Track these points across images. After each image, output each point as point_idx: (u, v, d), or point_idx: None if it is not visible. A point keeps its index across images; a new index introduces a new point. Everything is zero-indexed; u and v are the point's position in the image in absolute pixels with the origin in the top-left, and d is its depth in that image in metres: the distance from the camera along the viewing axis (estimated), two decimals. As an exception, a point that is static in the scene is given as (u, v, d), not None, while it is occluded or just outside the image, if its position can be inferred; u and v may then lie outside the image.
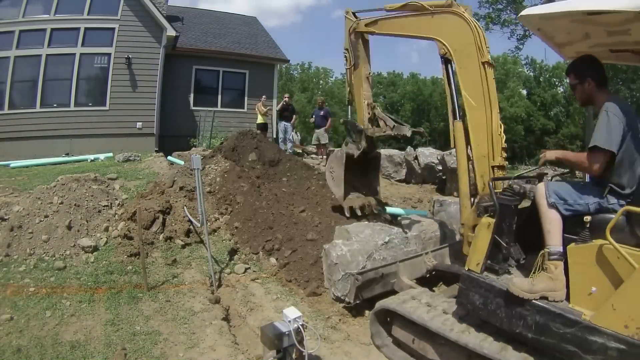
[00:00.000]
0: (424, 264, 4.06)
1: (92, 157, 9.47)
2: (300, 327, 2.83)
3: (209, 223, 5.29)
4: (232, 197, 5.97)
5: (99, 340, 3.27)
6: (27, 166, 8.70)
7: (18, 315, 3.46)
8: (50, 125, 10.80)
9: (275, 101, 13.92)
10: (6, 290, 3.78)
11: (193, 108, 13.28)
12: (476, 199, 3.15)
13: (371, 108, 4.98)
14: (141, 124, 11.60)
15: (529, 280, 2.39)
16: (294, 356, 2.84)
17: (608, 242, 2.09)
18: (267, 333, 2.82)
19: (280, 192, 6.23)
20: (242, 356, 3.25)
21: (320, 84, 42.42)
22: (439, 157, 8.17)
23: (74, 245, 4.54)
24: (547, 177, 3.08)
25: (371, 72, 5.05)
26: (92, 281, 4.09)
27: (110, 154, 9.63)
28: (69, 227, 4.66)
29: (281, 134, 11.57)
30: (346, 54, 5.08)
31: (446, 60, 3.54)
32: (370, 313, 3.48)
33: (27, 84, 11.03)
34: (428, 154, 8.45)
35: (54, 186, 5.12)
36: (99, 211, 5.10)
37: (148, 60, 11.61)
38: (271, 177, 6.81)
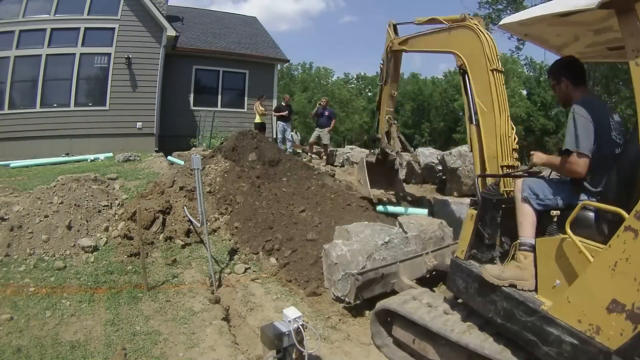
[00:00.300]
0: (424, 264, 4.07)
1: (92, 157, 9.46)
2: (300, 327, 2.83)
3: (209, 223, 5.29)
4: (232, 197, 5.97)
5: (99, 340, 3.27)
6: (27, 166, 8.70)
7: (18, 315, 3.46)
8: (50, 125, 10.79)
9: (275, 101, 13.92)
10: (6, 290, 3.78)
11: (193, 108, 13.28)
12: None
13: (389, 125, 6.04)
14: (141, 124, 11.59)
15: (500, 267, 2.56)
16: (294, 356, 2.84)
17: (569, 236, 2.14)
18: (267, 333, 2.82)
19: (280, 192, 6.23)
20: (242, 356, 3.25)
21: (322, 83, 42.39)
22: (438, 157, 8.16)
23: (74, 245, 4.54)
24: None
25: (397, 92, 6.04)
26: (92, 281, 4.09)
27: (110, 154, 9.62)
28: (69, 227, 4.66)
29: (280, 134, 11.57)
30: (381, 66, 5.82)
31: (463, 71, 3.82)
32: (371, 313, 3.49)
33: (27, 83, 11.02)
34: (428, 154, 8.45)
35: (54, 186, 5.12)
36: (99, 211, 5.09)
37: (148, 60, 11.60)
38: (271, 177, 6.81)
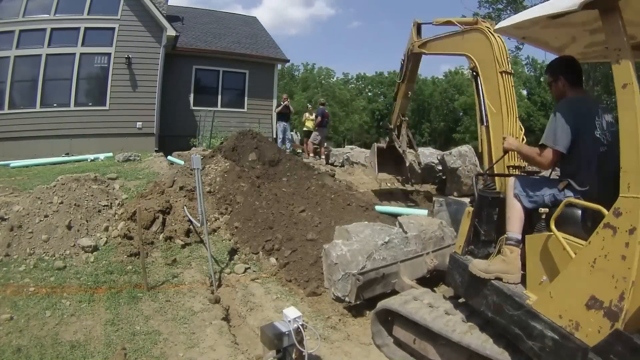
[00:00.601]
0: (424, 264, 4.07)
1: (92, 157, 9.46)
2: (300, 327, 2.83)
3: (208, 223, 5.28)
4: (232, 197, 5.97)
5: (99, 340, 3.27)
6: (27, 166, 8.69)
7: (18, 315, 3.45)
8: (50, 125, 10.78)
9: (275, 101, 13.93)
10: (6, 290, 3.77)
11: (193, 108, 13.27)
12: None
13: (400, 121, 6.70)
14: (141, 123, 11.58)
15: (486, 261, 2.66)
16: (293, 356, 2.84)
17: (554, 233, 2.18)
18: (267, 333, 2.82)
19: (280, 192, 6.23)
20: (242, 356, 3.25)
21: (322, 83, 42.40)
22: (438, 157, 8.16)
23: (74, 245, 4.53)
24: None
25: (412, 92, 6.36)
26: (92, 281, 4.09)
27: (110, 154, 9.62)
28: (69, 227, 4.66)
29: (280, 134, 11.59)
30: (402, 62, 6.01)
31: (476, 73, 3.92)
32: (372, 313, 3.49)
33: (27, 83, 11.01)
34: (428, 154, 8.45)
35: (54, 186, 5.12)
36: (99, 211, 5.09)
37: (148, 60, 11.59)
38: (271, 177, 6.81)
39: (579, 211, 2.24)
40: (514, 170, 3.36)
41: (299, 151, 12.22)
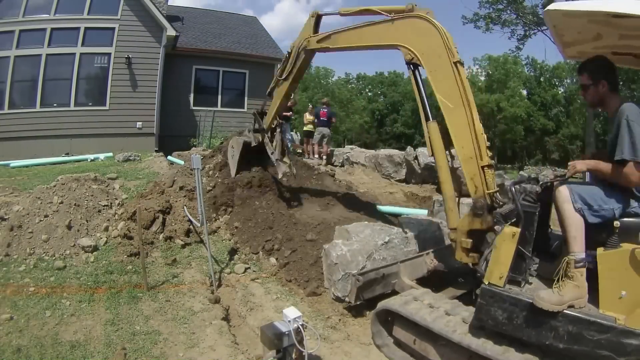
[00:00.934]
0: (424, 265, 4.06)
1: (92, 156, 9.46)
2: (300, 327, 2.82)
3: (208, 223, 5.28)
4: (232, 197, 5.96)
5: (98, 340, 3.27)
6: (27, 166, 8.70)
7: (18, 315, 3.45)
8: (50, 125, 10.79)
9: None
10: (6, 290, 3.77)
11: (193, 108, 13.28)
12: (473, 203, 3.06)
13: (276, 123, 5.78)
14: (141, 123, 11.59)
15: (556, 291, 2.34)
16: (293, 356, 2.84)
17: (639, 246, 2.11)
18: (267, 333, 2.81)
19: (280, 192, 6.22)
20: (242, 356, 3.25)
21: (322, 83, 42.44)
22: (439, 157, 8.16)
23: (74, 245, 4.54)
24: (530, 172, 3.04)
25: (295, 94, 5.51)
26: (92, 281, 4.09)
27: (110, 154, 9.62)
28: (69, 227, 4.66)
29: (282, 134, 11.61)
30: (287, 57, 5.11)
31: (414, 65, 3.51)
32: (372, 313, 3.47)
33: (27, 83, 11.02)
34: (428, 154, 8.44)
35: (54, 186, 5.12)
36: (99, 211, 5.09)
37: (148, 60, 11.60)
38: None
39: None
40: (488, 170, 3.01)
41: (299, 151, 12.23)
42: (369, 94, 48.09)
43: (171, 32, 11.67)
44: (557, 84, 37.63)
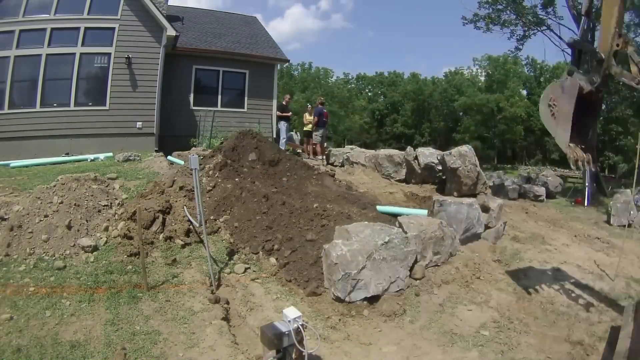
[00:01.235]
0: None
1: (92, 156, 9.46)
2: (300, 327, 2.83)
3: (208, 223, 5.28)
4: (232, 197, 5.96)
5: (98, 340, 3.27)
6: (27, 166, 8.69)
7: (18, 315, 3.45)
8: (50, 125, 10.78)
9: (274, 101, 13.94)
10: (6, 290, 3.77)
11: (193, 108, 13.28)
12: None
13: (624, 42, 3.77)
14: (141, 123, 11.58)
15: None
16: (293, 356, 2.84)
17: None
18: (267, 333, 2.82)
19: (280, 192, 6.22)
20: (242, 356, 3.25)
21: (322, 83, 42.41)
22: (438, 157, 8.16)
23: (74, 245, 4.53)
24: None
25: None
26: (92, 281, 4.09)
27: (110, 154, 9.62)
28: (69, 227, 4.66)
29: (282, 134, 11.62)
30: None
31: None
32: None
33: (27, 83, 11.01)
34: (428, 154, 8.45)
35: (54, 186, 5.12)
36: (99, 211, 5.09)
37: (148, 60, 11.59)
38: (271, 176, 6.81)
39: None
40: None
41: (299, 151, 12.22)
42: (369, 94, 48.08)
43: (171, 32, 11.66)
44: (557, 84, 37.65)
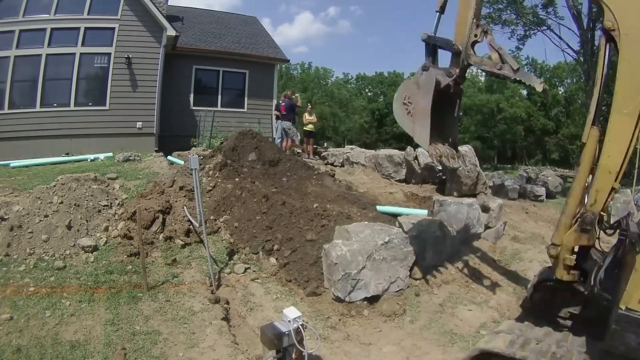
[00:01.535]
0: None
1: (92, 156, 9.46)
2: (300, 327, 2.83)
3: (208, 223, 5.28)
4: (232, 197, 5.97)
5: (98, 340, 3.27)
6: (27, 166, 8.69)
7: (18, 315, 3.45)
8: (50, 125, 10.79)
9: (274, 101, 13.94)
10: (6, 290, 3.77)
11: (193, 108, 13.28)
12: (579, 216, 2.82)
13: (483, 31, 3.63)
14: (141, 123, 11.59)
15: None
16: (293, 356, 2.84)
17: None
18: (267, 333, 2.82)
19: (280, 192, 6.22)
20: (242, 356, 3.25)
21: (322, 83, 42.41)
22: (439, 157, 8.16)
23: (74, 245, 4.53)
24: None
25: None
26: (92, 281, 4.09)
27: (110, 154, 9.62)
28: (69, 227, 4.66)
29: (283, 133, 11.61)
30: None
31: (609, 37, 2.76)
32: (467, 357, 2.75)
33: (27, 83, 11.02)
34: (428, 154, 8.44)
35: (54, 186, 5.12)
36: (99, 211, 5.09)
37: (148, 60, 11.60)
38: (271, 176, 6.81)
39: None
40: (614, 194, 2.71)
41: (298, 151, 12.22)
42: (369, 94, 48.06)
43: (171, 32, 11.66)
44: (557, 84, 37.62)
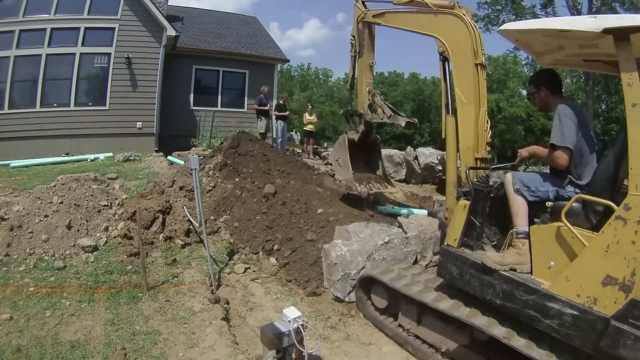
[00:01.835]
0: None
1: (92, 156, 9.47)
2: (300, 327, 2.83)
3: (208, 223, 5.29)
4: (231, 197, 5.97)
5: (98, 340, 3.27)
6: (27, 166, 8.69)
7: (18, 315, 3.45)
8: (50, 125, 10.80)
9: (275, 101, 13.96)
10: (6, 290, 3.77)
11: (193, 108, 13.30)
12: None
13: (371, 95, 5.35)
14: (141, 123, 11.60)
15: (500, 254, 2.81)
16: (293, 356, 2.84)
17: (564, 225, 2.46)
18: (267, 333, 2.82)
19: (280, 192, 6.22)
20: (242, 356, 3.25)
21: (322, 83, 42.36)
22: (439, 157, 8.16)
23: (74, 245, 4.54)
24: (521, 169, 3.50)
25: (374, 61, 5.46)
26: (92, 281, 4.09)
27: (110, 154, 9.63)
28: (69, 227, 4.66)
29: (280, 133, 11.63)
30: (352, 41, 5.45)
31: (444, 57, 3.81)
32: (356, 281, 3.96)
33: (27, 83, 11.03)
34: (428, 154, 8.45)
35: (54, 186, 5.12)
36: (99, 211, 5.09)
37: (148, 60, 11.61)
38: (271, 177, 6.80)
39: (579, 204, 2.54)
40: (480, 163, 3.47)
41: (299, 151, 12.22)
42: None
43: (171, 32, 11.67)
44: (556, 84, 37.70)
